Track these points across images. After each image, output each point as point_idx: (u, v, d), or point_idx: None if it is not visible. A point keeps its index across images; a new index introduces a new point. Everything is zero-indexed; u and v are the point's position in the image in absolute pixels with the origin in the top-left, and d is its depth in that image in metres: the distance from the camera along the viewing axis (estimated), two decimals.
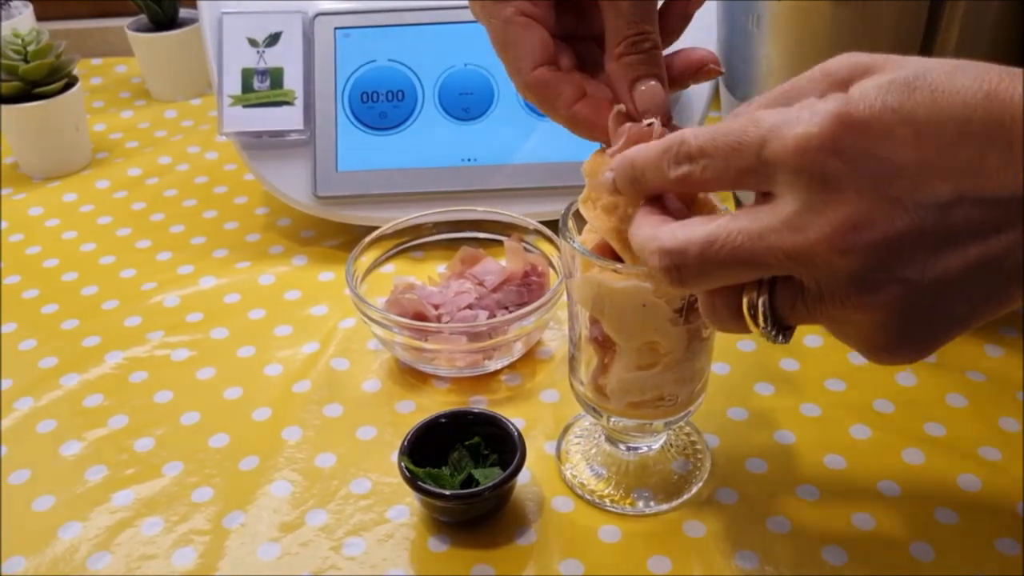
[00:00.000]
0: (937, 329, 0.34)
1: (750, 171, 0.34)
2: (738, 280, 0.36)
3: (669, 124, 0.44)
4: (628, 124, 0.43)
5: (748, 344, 0.66)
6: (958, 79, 0.31)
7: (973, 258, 0.32)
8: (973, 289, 0.33)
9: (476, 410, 0.57)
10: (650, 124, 0.43)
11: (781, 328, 0.36)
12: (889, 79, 0.32)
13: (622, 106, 0.44)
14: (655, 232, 0.37)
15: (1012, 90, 0.31)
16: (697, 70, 0.46)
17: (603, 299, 0.47)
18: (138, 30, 1.05)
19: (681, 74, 0.46)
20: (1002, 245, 0.32)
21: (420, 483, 0.52)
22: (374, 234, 0.69)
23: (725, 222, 0.35)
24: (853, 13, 0.55)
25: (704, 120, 0.78)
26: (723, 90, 0.68)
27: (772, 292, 0.36)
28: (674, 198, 0.42)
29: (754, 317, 0.36)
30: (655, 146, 0.38)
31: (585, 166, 0.47)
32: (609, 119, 0.44)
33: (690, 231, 0.36)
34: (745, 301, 0.36)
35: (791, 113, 0.33)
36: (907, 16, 0.53)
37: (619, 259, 0.46)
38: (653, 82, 0.43)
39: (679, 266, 0.36)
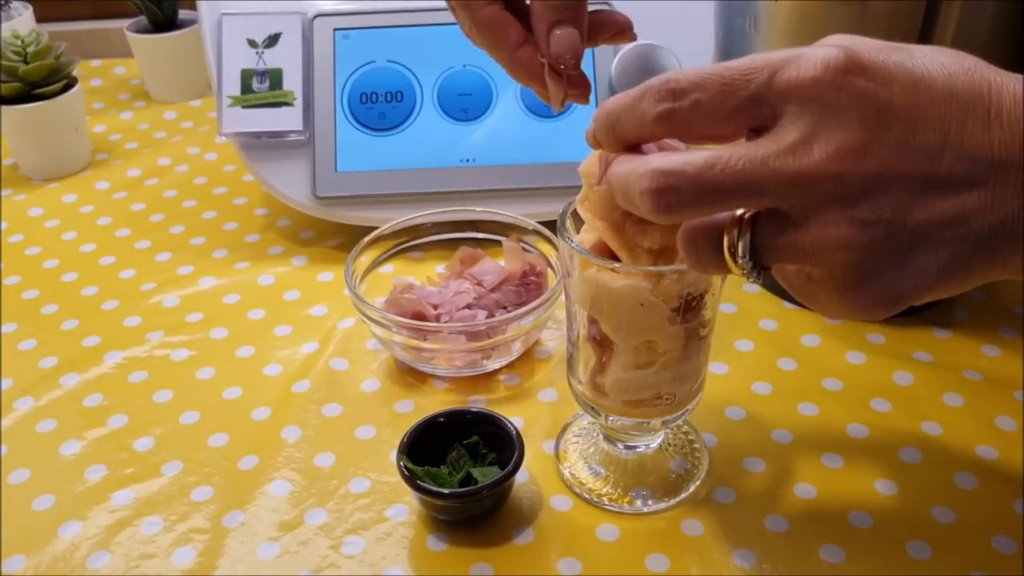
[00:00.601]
0: (904, 281, 0.35)
1: (750, 103, 0.35)
2: (728, 208, 0.36)
3: (578, 72, 0.46)
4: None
5: (746, 344, 0.67)
6: (940, 57, 0.35)
7: (948, 212, 0.34)
8: (943, 247, 0.35)
9: (474, 409, 0.57)
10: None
11: (760, 266, 0.37)
12: (885, 44, 0.35)
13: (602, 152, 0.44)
14: (645, 160, 0.37)
15: (986, 69, 0.35)
16: (614, 33, 0.48)
17: (601, 298, 0.47)
18: (137, 31, 1.06)
19: (597, 30, 0.48)
20: (974, 204, 0.34)
21: (419, 482, 0.52)
22: (373, 234, 0.69)
23: (724, 149, 0.35)
24: (849, 13, 0.55)
25: None
26: None
27: (754, 230, 0.36)
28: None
29: (733, 254, 0.37)
30: (633, 91, 0.38)
31: (582, 166, 0.47)
32: (595, 154, 0.45)
33: (687, 155, 0.36)
34: (726, 239, 0.37)
35: (800, 50, 0.35)
36: (903, 17, 0.54)
37: (617, 259, 0.46)
38: (571, 28, 0.45)
39: (674, 188, 0.35)
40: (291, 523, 0.54)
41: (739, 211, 0.37)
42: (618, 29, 0.48)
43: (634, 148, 0.40)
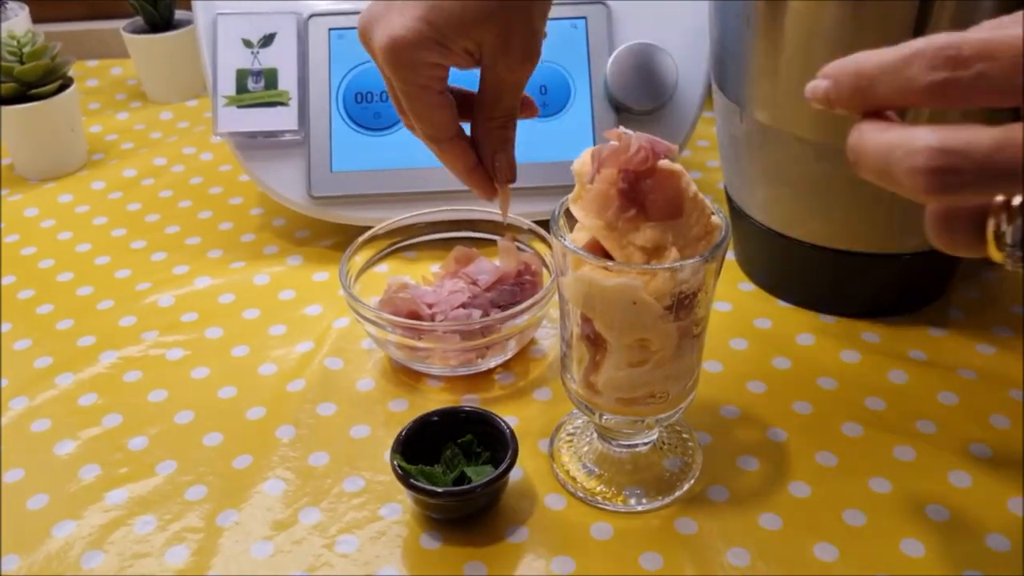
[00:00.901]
0: None
1: None
2: (1004, 194, 0.33)
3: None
4: (599, 148, 0.46)
5: (740, 342, 0.66)
6: None
7: None
8: None
9: (468, 408, 0.57)
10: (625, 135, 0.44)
11: None
12: None
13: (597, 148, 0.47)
14: (914, 133, 0.32)
15: None
16: (527, 115, 0.59)
17: (594, 297, 0.47)
18: (134, 32, 1.06)
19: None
20: None
21: (412, 480, 0.52)
22: (367, 234, 0.69)
23: (1011, 129, 0.32)
24: (843, 12, 0.55)
25: (697, 120, 0.79)
26: (715, 90, 0.69)
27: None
28: None
29: (1000, 241, 0.34)
30: (893, 51, 0.34)
31: (575, 165, 0.47)
32: (588, 153, 0.47)
33: (968, 132, 0.32)
34: (991, 224, 0.33)
35: None
36: (895, 17, 0.54)
37: (610, 257, 0.46)
38: (507, 154, 0.57)
39: (956, 169, 0.31)
40: (285, 522, 0.54)
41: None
42: (530, 112, 0.59)
43: (878, 114, 0.36)
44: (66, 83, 0.93)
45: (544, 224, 0.69)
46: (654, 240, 0.45)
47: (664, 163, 0.45)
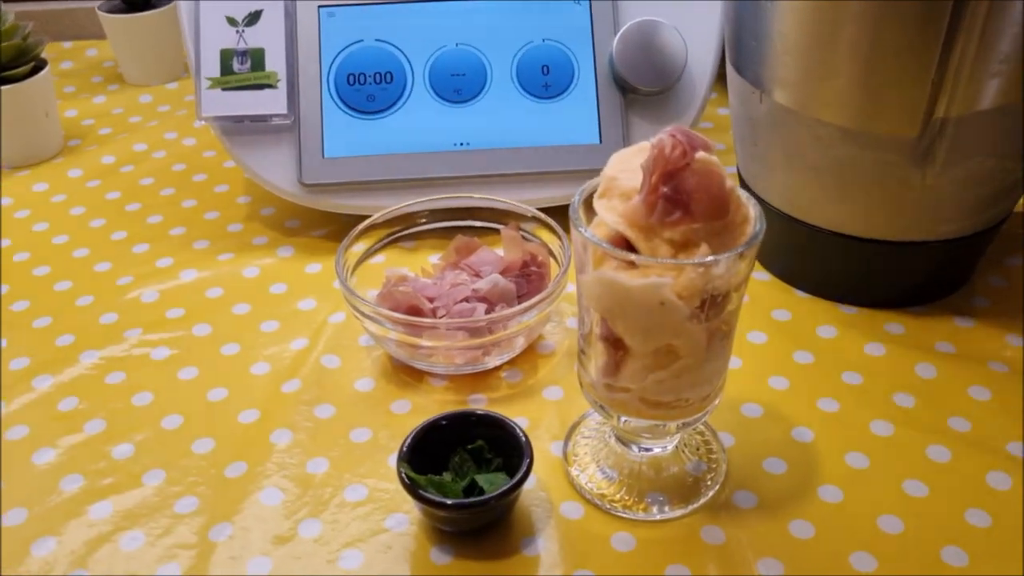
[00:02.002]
0: None
1: None
2: None
3: None
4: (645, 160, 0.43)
5: (759, 336, 0.63)
6: None
7: None
8: None
9: (479, 412, 0.53)
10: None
11: None
12: None
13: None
14: None
15: None
16: None
17: (616, 299, 0.44)
18: (110, 11, 1.01)
19: None
20: None
21: (421, 492, 0.48)
22: (365, 223, 0.65)
23: None
24: None
25: (707, 101, 0.75)
26: (730, 70, 0.65)
27: None
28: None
29: None
30: None
31: (608, 171, 0.45)
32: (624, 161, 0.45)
33: None
34: None
35: None
36: (928, 15, 0.50)
37: (634, 251, 0.43)
38: None
39: None
40: (284, 536, 0.51)
41: None
42: None
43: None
44: (39, 65, 0.88)
45: (549, 211, 0.65)
46: (684, 234, 0.42)
47: (701, 156, 0.41)
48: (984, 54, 0.52)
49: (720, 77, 0.75)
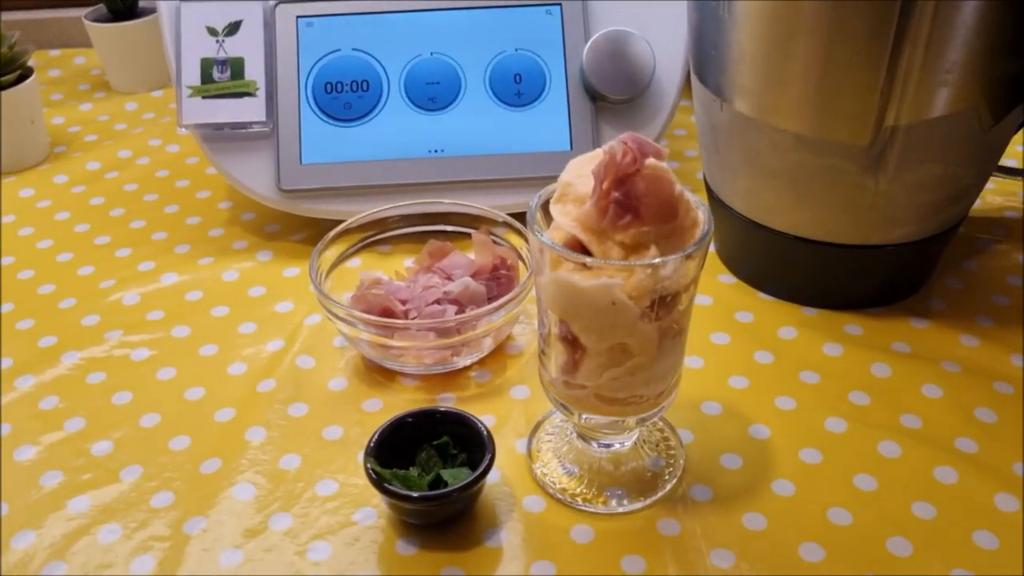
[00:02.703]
0: None
1: None
2: None
3: None
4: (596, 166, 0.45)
5: (722, 337, 0.65)
6: None
7: None
8: None
9: (443, 409, 0.55)
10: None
11: None
12: None
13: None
14: None
15: None
16: None
17: (571, 300, 0.45)
18: (96, 20, 1.02)
19: None
20: None
21: (387, 485, 0.50)
22: (339, 228, 0.67)
23: None
24: (823, 5, 0.53)
25: (675, 109, 0.77)
26: (694, 79, 0.67)
27: None
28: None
29: None
30: None
31: (564, 176, 0.47)
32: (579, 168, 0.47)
33: None
34: None
35: None
36: (878, 7, 0.52)
37: (589, 254, 0.45)
38: None
39: None
40: (255, 529, 0.52)
41: None
42: None
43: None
44: (25, 73, 0.90)
45: (519, 216, 0.67)
46: (635, 237, 0.44)
47: (651, 163, 0.43)
48: (931, 63, 0.54)
49: (690, 85, 0.77)
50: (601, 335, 0.46)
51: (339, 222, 0.68)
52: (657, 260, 0.43)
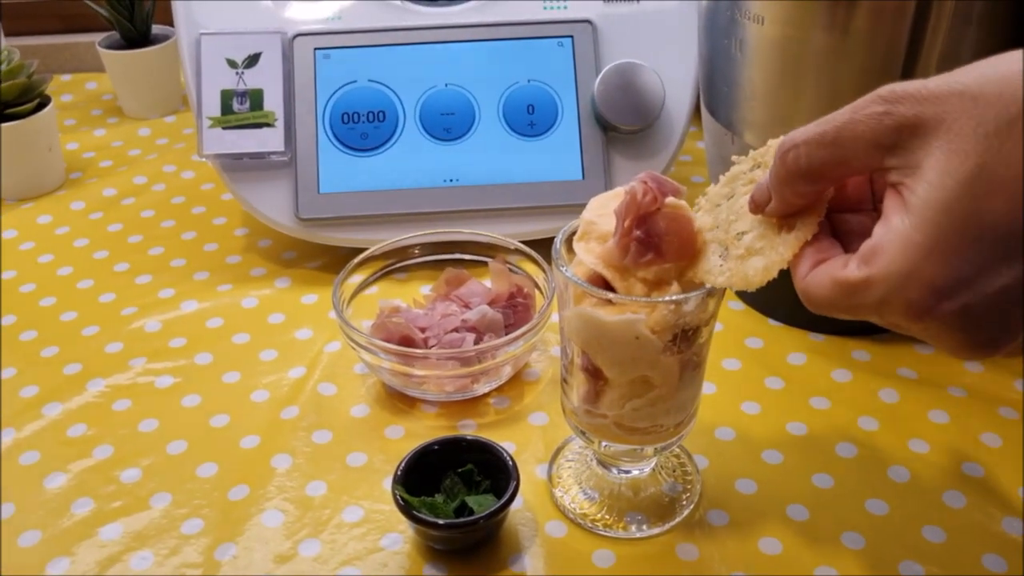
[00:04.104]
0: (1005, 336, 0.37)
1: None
2: None
3: None
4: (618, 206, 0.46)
5: (733, 363, 0.67)
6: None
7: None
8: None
9: (469, 437, 0.57)
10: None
11: None
12: (940, 196, 0.34)
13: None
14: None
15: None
16: None
17: (594, 334, 0.47)
18: (110, 47, 1.04)
19: None
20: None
21: (415, 512, 0.51)
22: (361, 256, 0.68)
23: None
24: (831, 39, 0.55)
25: (684, 139, 0.79)
26: (704, 112, 0.69)
27: None
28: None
29: None
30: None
31: (587, 214, 0.48)
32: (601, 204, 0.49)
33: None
34: None
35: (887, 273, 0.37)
36: (887, 45, 0.54)
37: (612, 289, 0.46)
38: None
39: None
40: (285, 555, 0.54)
41: None
42: None
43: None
44: (43, 101, 0.91)
45: (533, 244, 0.69)
46: (657, 273, 0.46)
47: (671, 201, 0.45)
48: None
49: (697, 113, 0.79)
50: (624, 367, 0.48)
51: (354, 250, 0.70)
52: (680, 297, 0.45)
